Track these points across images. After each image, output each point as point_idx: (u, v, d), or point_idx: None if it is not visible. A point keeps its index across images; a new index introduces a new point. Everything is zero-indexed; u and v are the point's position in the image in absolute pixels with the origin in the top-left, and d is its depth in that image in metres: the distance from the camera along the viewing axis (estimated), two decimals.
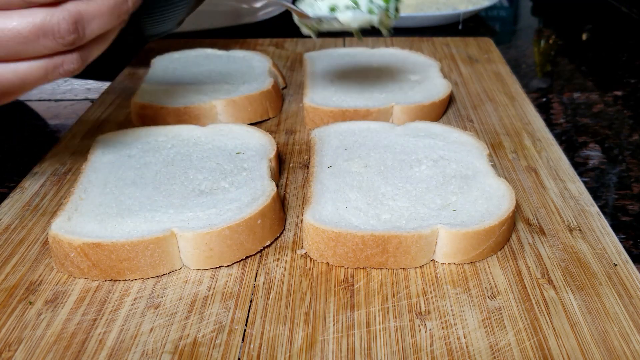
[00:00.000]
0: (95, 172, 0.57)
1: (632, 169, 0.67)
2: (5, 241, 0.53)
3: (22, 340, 0.43)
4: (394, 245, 0.48)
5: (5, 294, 0.47)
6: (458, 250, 0.49)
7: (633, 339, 0.42)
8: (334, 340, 0.42)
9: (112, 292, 0.47)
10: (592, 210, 0.56)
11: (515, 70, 0.92)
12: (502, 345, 0.42)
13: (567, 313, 0.44)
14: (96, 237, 0.47)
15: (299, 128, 0.73)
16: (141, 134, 0.64)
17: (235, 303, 0.46)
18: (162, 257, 0.48)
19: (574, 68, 0.98)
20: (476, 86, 0.84)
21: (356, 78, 0.79)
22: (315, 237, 0.49)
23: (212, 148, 0.61)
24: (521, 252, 0.51)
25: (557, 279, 0.48)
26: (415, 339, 0.42)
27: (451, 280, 0.48)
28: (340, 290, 0.47)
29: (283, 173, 0.64)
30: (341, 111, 0.69)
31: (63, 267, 0.49)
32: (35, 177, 0.63)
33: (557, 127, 0.77)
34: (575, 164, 0.67)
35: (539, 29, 1.22)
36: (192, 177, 0.56)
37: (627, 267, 0.49)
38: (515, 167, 0.64)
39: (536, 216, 0.56)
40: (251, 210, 0.50)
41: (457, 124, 0.73)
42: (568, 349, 0.41)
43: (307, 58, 0.86)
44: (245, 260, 0.51)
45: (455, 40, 1.01)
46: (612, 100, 0.85)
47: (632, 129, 0.77)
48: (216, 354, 0.41)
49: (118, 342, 0.42)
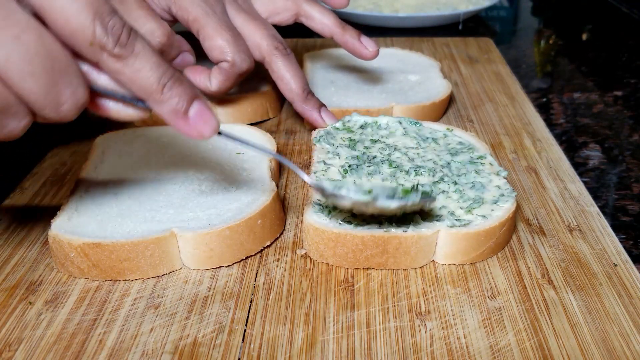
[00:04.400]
0: (95, 172, 0.57)
1: (632, 169, 0.67)
2: (5, 241, 0.53)
3: (22, 340, 0.43)
4: (393, 245, 0.48)
5: (5, 294, 0.47)
6: (458, 251, 0.49)
7: (633, 339, 0.42)
8: (334, 341, 0.42)
9: (112, 292, 0.47)
10: (592, 211, 0.56)
11: (515, 70, 0.92)
12: (502, 346, 0.42)
13: (567, 313, 0.44)
14: (96, 237, 0.47)
15: (299, 128, 0.73)
16: (141, 134, 0.64)
17: (235, 303, 0.46)
18: (162, 257, 0.48)
19: (574, 68, 0.98)
20: (476, 86, 0.84)
21: (356, 78, 0.79)
22: (315, 237, 0.49)
23: (212, 148, 0.61)
24: (521, 253, 0.51)
25: (557, 279, 0.48)
26: (416, 339, 0.42)
27: (451, 280, 0.48)
28: (341, 291, 0.47)
29: (283, 173, 0.64)
30: (341, 111, 0.69)
31: (63, 267, 0.49)
32: (35, 177, 0.63)
33: (557, 127, 0.77)
34: (575, 164, 0.67)
35: (539, 29, 1.22)
36: (192, 177, 0.56)
37: (627, 267, 0.49)
38: (515, 167, 0.64)
39: (536, 216, 0.56)
40: (251, 211, 0.50)
41: (457, 124, 0.73)
42: (568, 349, 0.41)
43: (307, 58, 0.86)
44: (245, 261, 0.51)
45: (455, 40, 1.01)
46: (612, 100, 0.85)
47: (632, 129, 0.77)
48: (216, 354, 0.41)
49: (118, 342, 0.42)
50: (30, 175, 0.63)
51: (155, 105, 0.38)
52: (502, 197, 0.52)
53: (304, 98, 0.64)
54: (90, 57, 0.35)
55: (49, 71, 0.33)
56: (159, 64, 0.37)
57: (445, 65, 0.91)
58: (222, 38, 0.60)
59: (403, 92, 0.75)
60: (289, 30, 0.71)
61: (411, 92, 0.75)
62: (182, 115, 0.39)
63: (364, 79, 0.78)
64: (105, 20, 0.34)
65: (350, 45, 0.67)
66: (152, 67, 0.36)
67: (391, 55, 0.87)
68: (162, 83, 0.37)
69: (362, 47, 0.67)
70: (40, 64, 0.32)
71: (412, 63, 0.84)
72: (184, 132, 0.40)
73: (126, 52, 0.35)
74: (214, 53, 0.61)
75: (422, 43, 1.00)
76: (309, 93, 0.65)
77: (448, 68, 0.90)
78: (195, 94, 0.39)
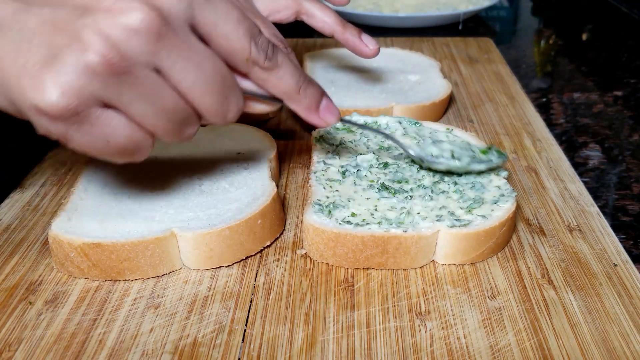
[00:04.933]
0: (95, 172, 0.57)
1: (632, 169, 0.67)
2: (5, 241, 0.53)
3: (22, 340, 0.43)
4: (393, 245, 0.48)
5: (5, 294, 0.47)
6: (458, 251, 0.49)
7: (633, 339, 0.42)
8: (334, 341, 0.42)
9: (112, 292, 0.47)
10: (592, 211, 0.56)
11: (515, 70, 0.92)
12: (502, 346, 0.42)
13: (567, 313, 0.44)
14: (96, 237, 0.47)
15: (299, 128, 0.73)
16: None
17: (235, 303, 0.46)
18: (162, 257, 0.48)
19: (574, 68, 0.98)
20: (476, 86, 0.84)
21: (356, 78, 0.79)
22: (315, 237, 0.49)
23: (212, 148, 0.61)
24: (521, 253, 0.51)
25: (557, 279, 0.48)
26: (416, 339, 0.42)
27: (451, 280, 0.48)
28: (341, 291, 0.47)
29: (283, 173, 0.64)
30: (341, 111, 0.69)
31: (63, 267, 0.49)
32: (35, 177, 0.63)
33: (557, 127, 0.77)
34: (575, 164, 0.67)
35: (539, 29, 1.22)
36: (192, 177, 0.56)
37: (627, 267, 0.49)
38: (515, 167, 0.64)
39: (536, 216, 0.56)
40: (251, 211, 0.50)
41: (457, 124, 0.73)
42: (568, 349, 0.41)
43: (307, 58, 0.86)
44: (245, 261, 0.51)
45: (455, 40, 1.01)
46: (612, 100, 0.85)
47: (632, 129, 0.77)
48: (216, 354, 0.41)
49: (118, 342, 0.42)
50: (30, 175, 0.63)
51: (293, 104, 0.45)
52: (502, 197, 0.52)
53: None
54: (244, 70, 0.41)
55: (221, 88, 0.39)
56: (295, 71, 0.43)
57: (445, 65, 0.91)
58: None
59: (403, 92, 0.75)
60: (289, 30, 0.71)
61: (411, 92, 0.75)
62: (315, 110, 0.46)
63: (364, 79, 0.78)
64: (257, 40, 0.40)
65: (351, 43, 0.67)
66: (291, 74, 0.43)
67: (391, 55, 0.87)
68: (299, 86, 0.44)
69: (363, 44, 0.67)
70: (216, 84, 0.38)
71: (412, 63, 0.84)
72: (314, 123, 0.47)
73: (272, 65, 0.42)
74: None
75: (422, 43, 1.00)
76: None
77: (448, 68, 0.90)
78: (322, 91, 0.46)
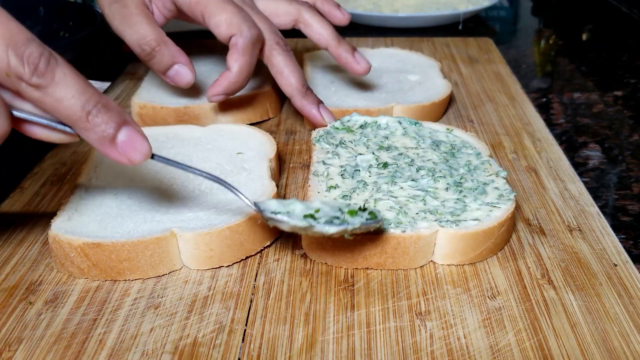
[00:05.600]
0: (95, 172, 0.57)
1: (632, 169, 0.67)
2: (5, 241, 0.53)
3: (22, 340, 0.43)
4: (392, 245, 0.48)
5: (5, 294, 0.47)
6: (457, 252, 0.49)
7: (633, 339, 0.42)
8: (334, 341, 0.42)
9: (112, 292, 0.47)
10: (592, 211, 0.56)
11: (515, 70, 0.92)
12: (502, 346, 0.42)
13: (567, 313, 0.44)
14: (96, 237, 0.47)
15: (299, 128, 0.73)
16: None
17: (235, 303, 0.46)
18: (162, 257, 0.48)
19: (574, 68, 0.98)
20: (476, 86, 0.84)
21: (356, 78, 0.79)
22: (313, 237, 0.49)
23: (212, 148, 0.61)
24: (521, 253, 0.51)
25: (557, 279, 0.48)
26: (416, 339, 0.42)
27: (451, 280, 0.48)
28: (341, 291, 0.47)
29: (283, 173, 0.64)
30: (341, 111, 0.69)
31: (63, 267, 0.49)
32: (35, 177, 0.63)
33: (557, 127, 0.77)
34: (575, 164, 0.67)
35: (539, 29, 1.22)
36: (192, 177, 0.56)
37: (627, 267, 0.49)
38: (515, 167, 0.64)
39: (536, 216, 0.56)
40: (251, 211, 0.50)
41: (457, 124, 0.73)
42: (568, 349, 0.41)
43: (307, 58, 0.86)
44: (245, 261, 0.51)
45: (455, 40, 1.01)
46: (612, 100, 0.85)
47: (632, 129, 0.77)
48: (216, 354, 0.41)
49: (118, 342, 0.42)
50: (30, 175, 0.63)
51: (82, 133, 0.37)
52: (501, 197, 0.52)
53: (303, 93, 0.65)
54: (10, 86, 0.35)
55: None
56: (82, 91, 0.36)
57: (445, 65, 0.91)
58: (226, 11, 0.60)
59: (403, 92, 0.75)
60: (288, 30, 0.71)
61: (411, 92, 0.75)
62: (110, 142, 0.38)
63: (364, 79, 0.78)
64: (20, 49, 0.33)
65: (343, 59, 0.68)
66: (74, 94, 0.36)
67: (391, 55, 0.87)
68: (86, 110, 0.36)
69: (355, 62, 0.68)
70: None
71: (412, 63, 0.84)
72: (113, 159, 0.39)
73: (45, 81, 0.34)
74: (221, 29, 0.60)
75: (422, 43, 1.00)
76: (308, 89, 0.65)
77: (448, 68, 0.90)
78: (124, 119, 0.38)
